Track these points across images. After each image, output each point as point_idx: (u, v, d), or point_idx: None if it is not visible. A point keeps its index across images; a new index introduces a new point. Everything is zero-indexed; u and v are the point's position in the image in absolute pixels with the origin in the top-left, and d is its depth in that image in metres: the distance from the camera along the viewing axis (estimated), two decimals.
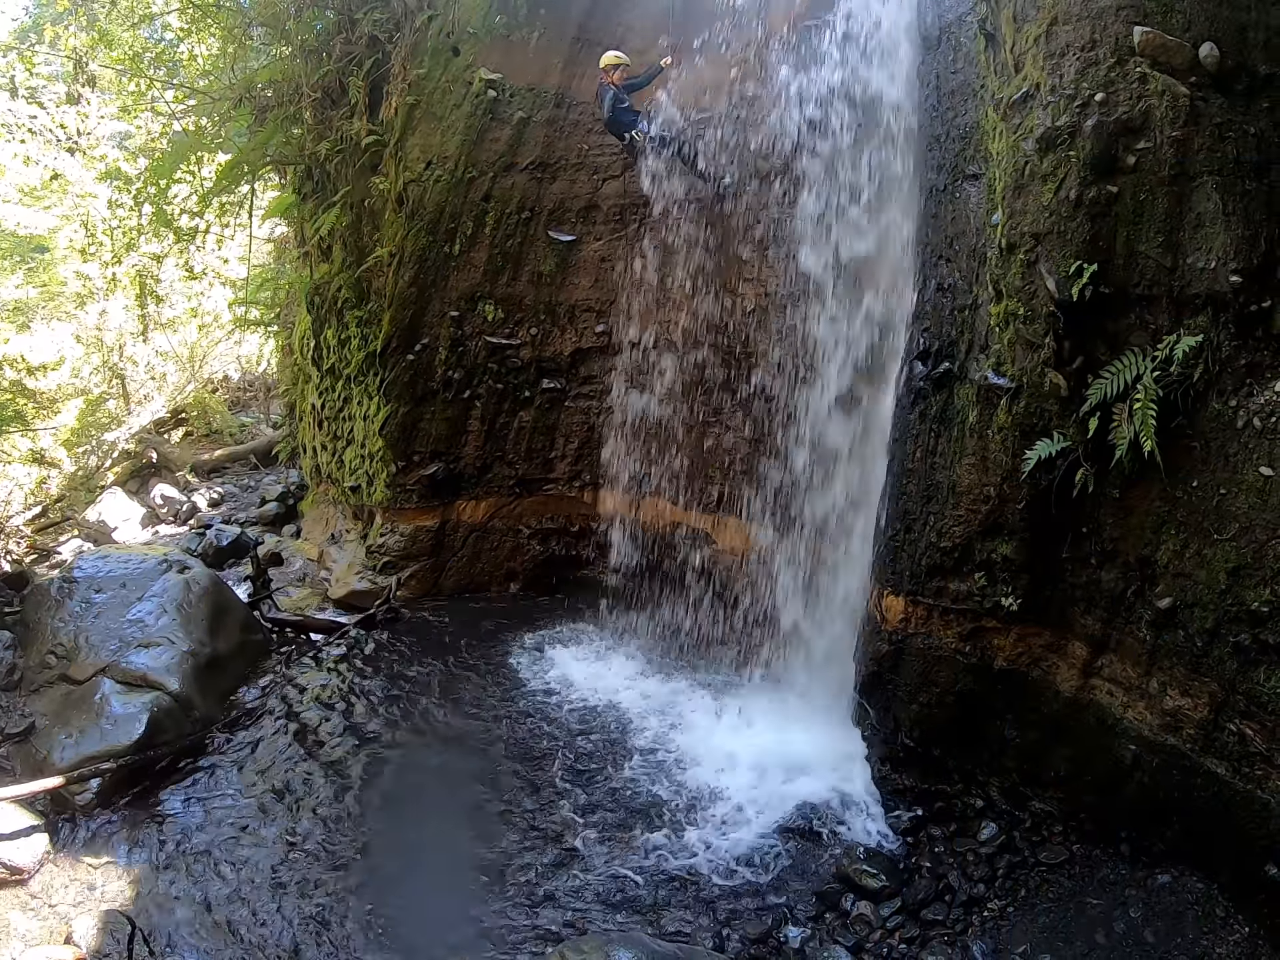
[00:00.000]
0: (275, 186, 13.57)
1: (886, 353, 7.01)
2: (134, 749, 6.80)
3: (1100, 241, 4.58)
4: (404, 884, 5.87)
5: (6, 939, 5.44)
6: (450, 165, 9.51)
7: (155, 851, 6.17)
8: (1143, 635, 4.88)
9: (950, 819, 6.02)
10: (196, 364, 18.40)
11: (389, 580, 10.15)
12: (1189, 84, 4.15)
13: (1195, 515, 4.52)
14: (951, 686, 5.89)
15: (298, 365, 13.17)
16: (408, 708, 8.09)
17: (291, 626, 9.70)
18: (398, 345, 9.95)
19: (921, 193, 6.22)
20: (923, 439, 5.85)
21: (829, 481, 7.53)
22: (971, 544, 5.53)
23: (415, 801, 6.77)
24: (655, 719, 7.83)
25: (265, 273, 15.42)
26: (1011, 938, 5.08)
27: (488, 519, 10.43)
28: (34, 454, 12.37)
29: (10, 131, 13.64)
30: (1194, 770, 4.74)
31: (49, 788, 6.36)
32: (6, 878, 5.82)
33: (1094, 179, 4.53)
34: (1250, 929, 4.56)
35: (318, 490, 12.72)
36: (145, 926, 5.52)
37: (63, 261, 15.29)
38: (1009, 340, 5.10)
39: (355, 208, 10.22)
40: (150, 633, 7.76)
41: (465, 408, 10.16)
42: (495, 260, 9.84)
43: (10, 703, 7.49)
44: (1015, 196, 4.91)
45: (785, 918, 5.51)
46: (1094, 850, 5.41)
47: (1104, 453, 4.74)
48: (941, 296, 5.84)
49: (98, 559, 8.74)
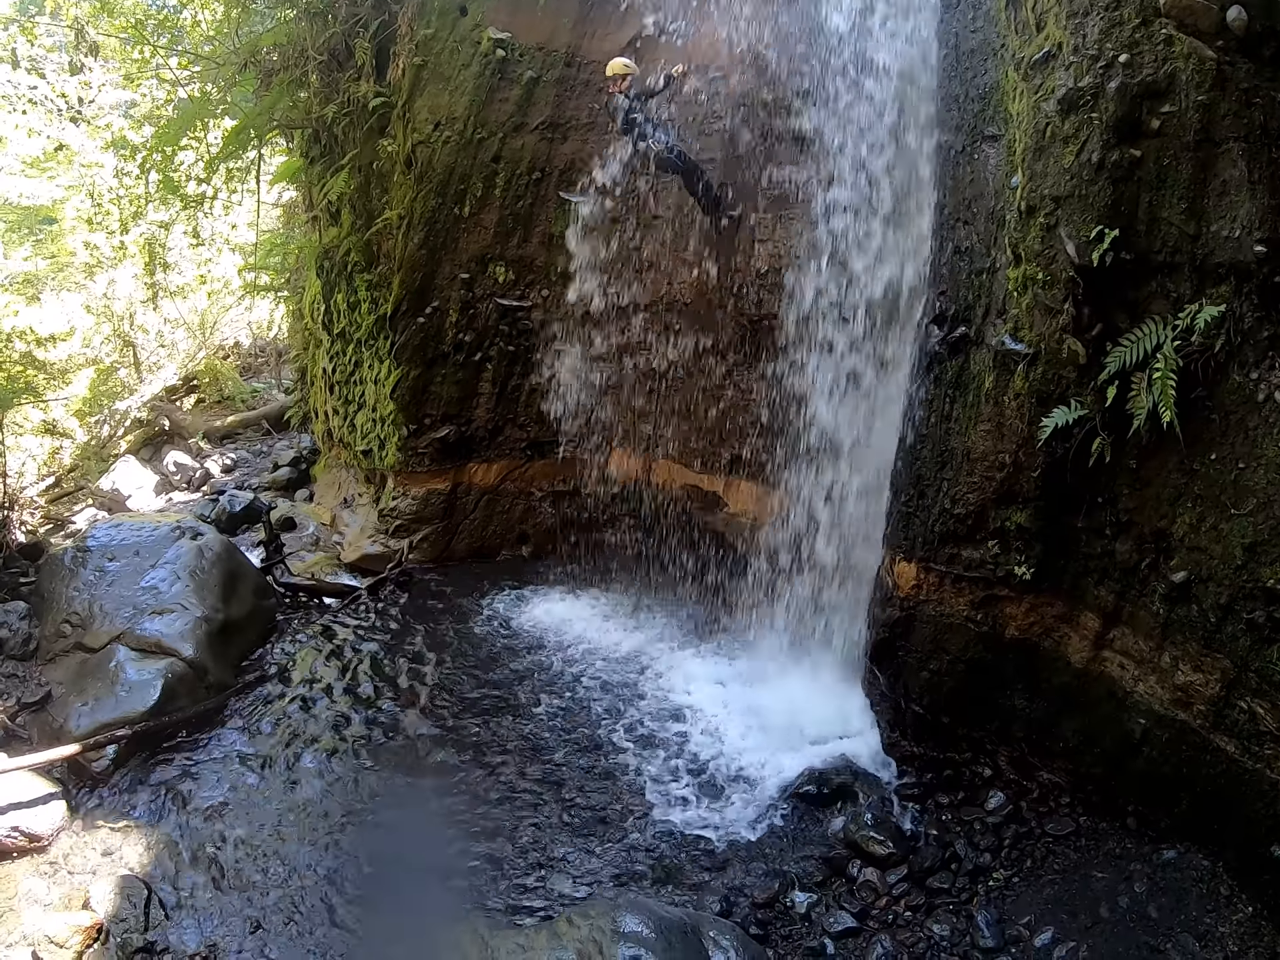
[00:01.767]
0: (282, 151, 13.44)
1: (902, 316, 6.91)
2: (149, 715, 6.88)
3: (1122, 206, 4.47)
4: (410, 843, 5.97)
5: (26, 905, 5.55)
6: (459, 126, 9.38)
7: (171, 816, 6.26)
8: (1156, 608, 4.84)
9: (958, 787, 6.04)
10: (207, 331, 18.40)
11: (401, 544, 10.20)
12: (1216, 47, 4.00)
13: (1213, 489, 4.44)
14: (962, 654, 5.89)
15: (308, 330, 13.14)
16: (419, 670, 8.16)
17: (304, 591, 9.77)
18: (408, 308, 9.90)
19: (939, 154, 6.07)
20: (937, 404, 5.79)
21: (843, 445, 7.46)
22: (985, 511, 5.48)
23: (427, 765, 6.84)
24: (662, 682, 7.88)
25: (274, 238, 15.33)
26: (1016, 908, 5.12)
27: (499, 482, 10.44)
28: (46, 425, 12.43)
29: (11, 103, 13.53)
30: (1203, 747, 4.72)
31: (66, 755, 6.44)
32: (25, 845, 5.92)
33: (1117, 142, 4.41)
34: (1254, 909, 4.56)
35: (330, 455, 12.75)
36: (161, 890, 5.63)
37: (71, 232, 15.23)
38: (1027, 305, 5.01)
39: (363, 171, 10.11)
40: (164, 600, 7.82)
41: (476, 370, 10.13)
42: (506, 222, 9.74)
43: (26, 672, 7.59)
44: (1035, 158, 4.79)
45: (792, 883, 5.56)
46: (1100, 823, 5.42)
47: (1122, 422, 4.67)
48: (959, 260, 5.73)
49: (111, 527, 8.79)
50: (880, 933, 5.16)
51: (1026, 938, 4.91)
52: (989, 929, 4.98)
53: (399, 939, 5.18)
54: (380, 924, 5.33)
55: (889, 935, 5.13)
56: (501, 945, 4.54)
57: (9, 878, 5.74)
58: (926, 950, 5.00)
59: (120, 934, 5.26)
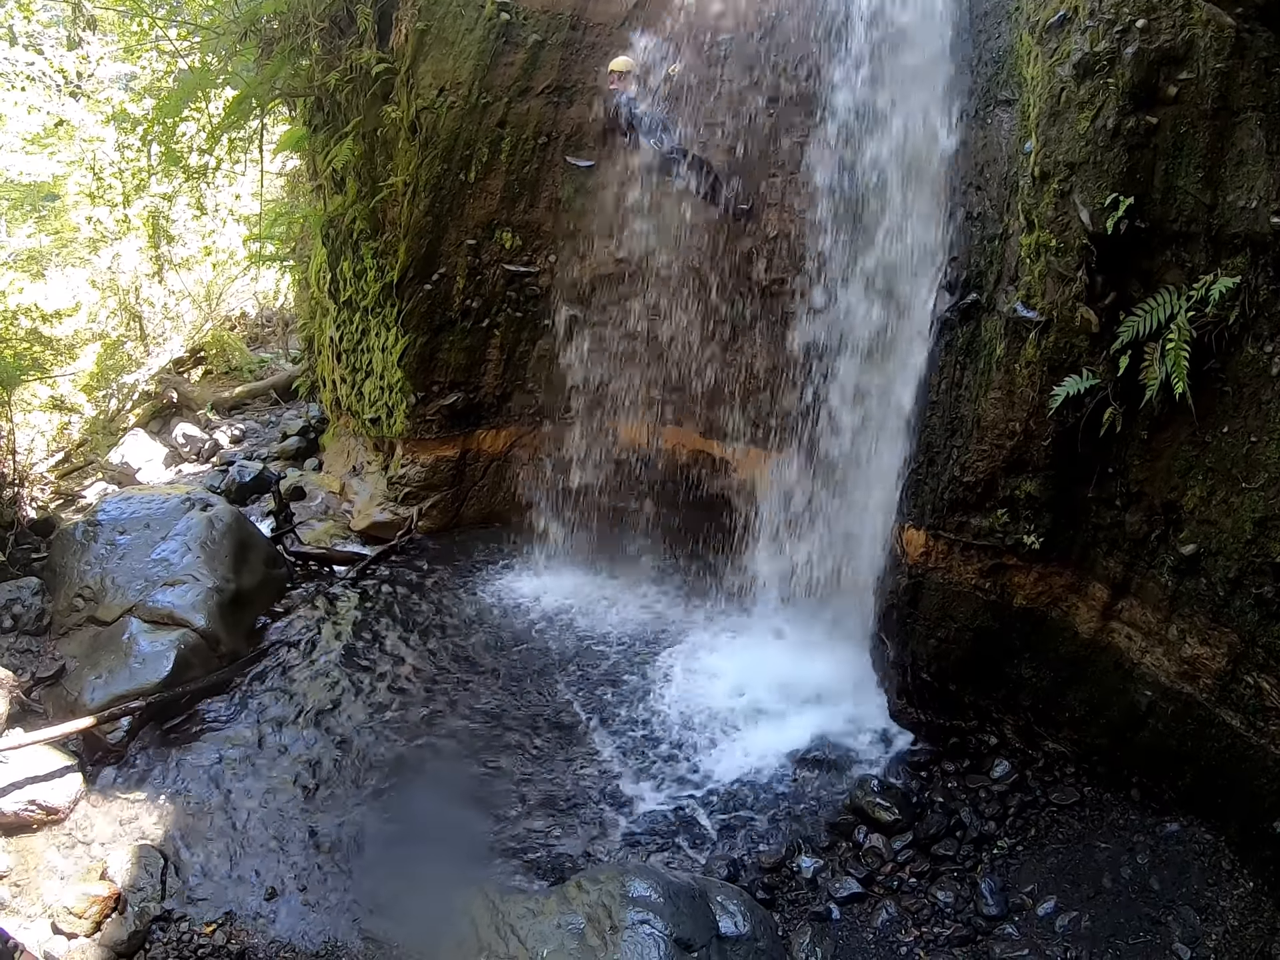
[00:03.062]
0: (285, 120, 13.27)
1: (914, 283, 6.82)
2: (162, 686, 6.94)
3: (1137, 174, 4.39)
4: (422, 809, 6.05)
5: (44, 877, 5.64)
6: (463, 91, 9.24)
7: (185, 786, 6.34)
8: (1164, 581, 4.83)
9: (964, 755, 6.09)
10: (213, 302, 18.28)
11: (410, 511, 10.20)
12: (1235, 15, 3.91)
13: (1224, 462, 4.41)
14: (970, 623, 5.91)
15: (314, 299, 13.07)
16: (431, 637, 8.21)
17: (315, 559, 9.81)
18: (414, 275, 9.83)
19: (952, 118, 5.96)
20: (948, 371, 5.76)
21: (852, 412, 7.41)
22: (995, 480, 5.47)
23: (440, 728, 6.92)
24: (668, 648, 7.94)
25: (279, 207, 15.18)
26: (1020, 877, 5.18)
27: (508, 448, 10.43)
28: (54, 400, 12.41)
29: (9, 80, 13.39)
30: (1208, 721, 4.73)
31: (81, 728, 6.49)
32: (43, 818, 5.99)
33: (1133, 108, 4.33)
34: (1255, 884, 4.59)
35: (338, 423, 12.75)
36: (177, 859, 5.71)
37: (74, 208, 15.09)
38: (1040, 272, 4.95)
39: (367, 138, 9.99)
40: (175, 571, 7.86)
41: (484, 337, 10.07)
42: (512, 187, 9.64)
43: (40, 647, 7.65)
44: (1050, 124, 4.71)
45: (799, 847, 5.63)
46: (1104, 794, 5.46)
47: (1134, 393, 4.63)
48: (971, 225, 5.67)
49: (121, 501, 8.82)
50: (885, 898, 5.23)
51: (1029, 906, 4.97)
52: (992, 897, 5.05)
53: (413, 903, 5.27)
54: (395, 888, 5.41)
55: (894, 901, 5.21)
56: (512, 909, 4.62)
57: (27, 851, 5.83)
58: (931, 916, 5.07)
59: (138, 903, 5.36)
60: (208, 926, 5.24)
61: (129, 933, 5.16)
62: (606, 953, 4.24)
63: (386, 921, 5.21)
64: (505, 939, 4.46)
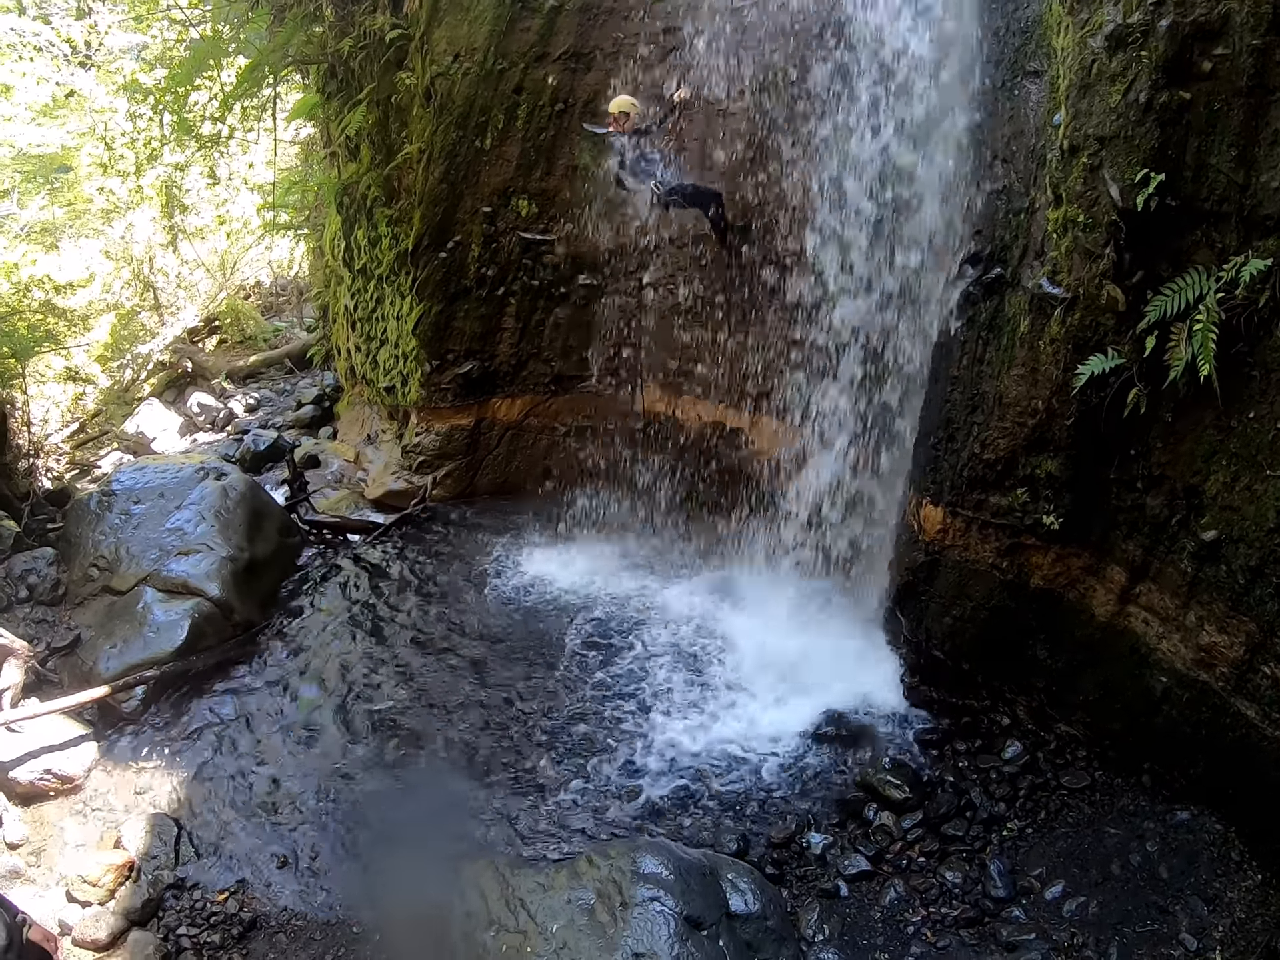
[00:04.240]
0: (298, 88, 13.14)
1: (935, 256, 6.69)
2: (177, 655, 7.02)
3: (1169, 150, 4.26)
4: (435, 778, 6.10)
5: (60, 846, 5.73)
6: (479, 57, 9.11)
7: (199, 754, 6.42)
8: (1184, 566, 4.76)
9: (975, 734, 6.07)
10: (227, 271, 18.26)
11: (424, 480, 10.22)
12: None
13: (1249, 448, 4.32)
14: (986, 602, 5.87)
15: (329, 267, 13.02)
16: (445, 606, 8.23)
17: (329, 528, 9.86)
18: (429, 243, 9.77)
19: (978, 89, 5.81)
20: (970, 346, 5.66)
21: (871, 385, 7.31)
22: (1015, 458, 5.40)
23: (454, 697, 6.95)
24: (680, 618, 7.93)
25: (292, 175, 15.08)
26: (1028, 859, 5.16)
27: (523, 417, 10.40)
28: (69, 371, 12.47)
29: (18, 51, 13.26)
30: (1223, 710, 4.68)
31: (96, 698, 6.57)
32: (58, 787, 6.08)
33: (1166, 83, 4.19)
34: (1263, 876, 4.56)
35: (353, 392, 12.75)
36: (191, 827, 5.79)
37: (87, 179, 15.02)
38: (1066, 248, 4.84)
39: (381, 105, 9.88)
40: (189, 540, 7.91)
41: (499, 305, 10.02)
42: (528, 154, 9.53)
43: (56, 617, 7.74)
44: (1080, 96, 4.57)
45: (808, 824, 5.64)
46: (1116, 779, 5.42)
47: (1159, 374, 4.53)
48: (996, 199, 5.55)
49: (135, 471, 8.87)
50: (894, 877, 5.23)
51: (1037, 889, 4.95)
52: (1001, 879, 5.03)
53: (424, 874, 5.30)
54: (407, 858, 5.47)
55: (902, 880, 5.20)
56: (522, 883, 4.65)
57: (43, 819, 5.92)
58: (939, 897, 5.06)
59: (151, 871, 5.44)
60: (220, 894, 5.32)
61: (143, 900, 5.24)
62: (616, 929, 4.26)
63: (397, 892, 5.27)
64: (515, 913, 4.49)
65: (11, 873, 5.45)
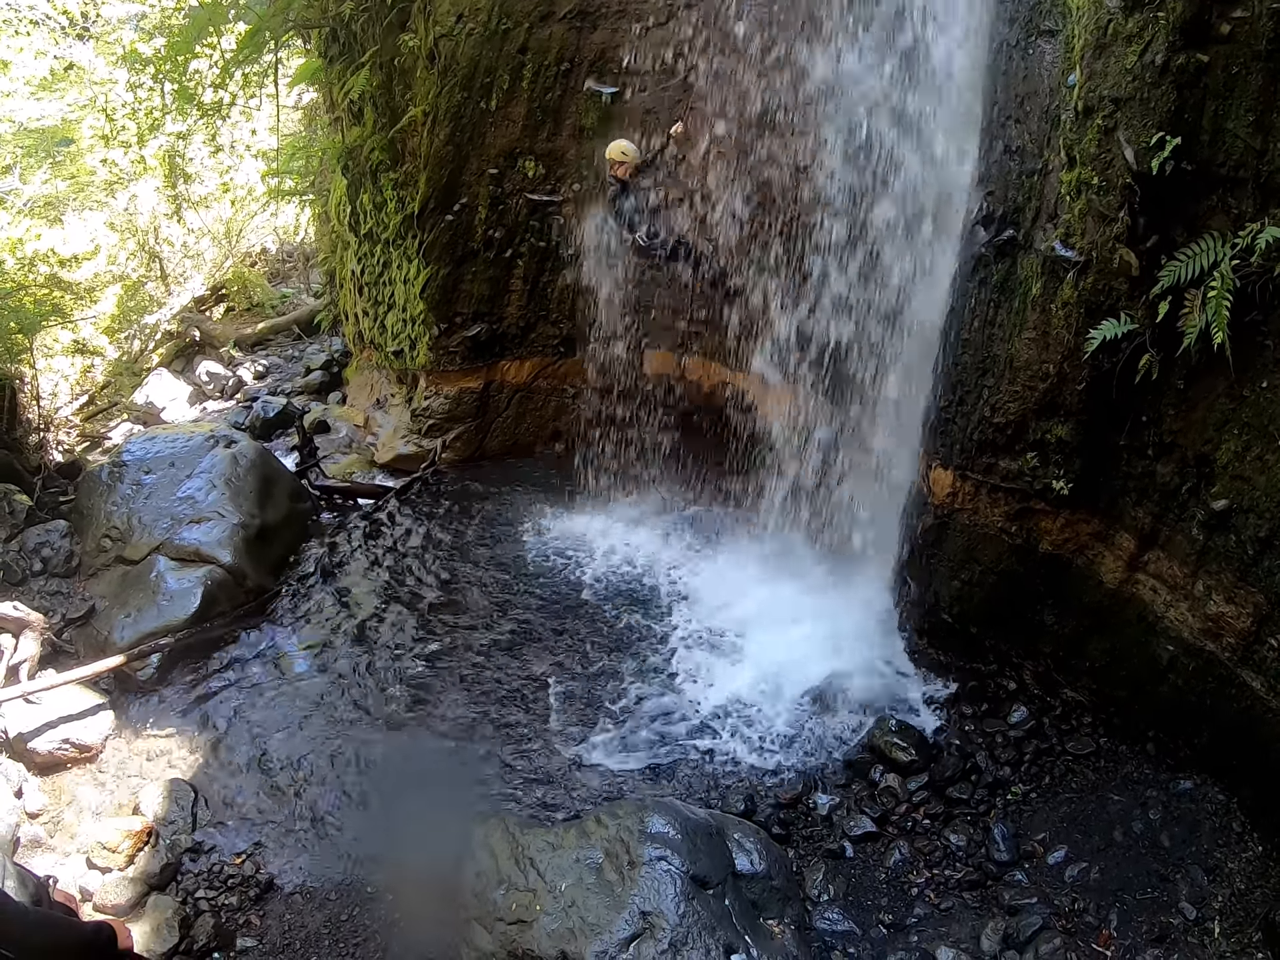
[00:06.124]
0: (300, 53, 12.95)
1: (947, 216, 6.60)
2: (190, 623, 7.07)
3: (1186, 114, 4.16)
4: (448, 739, 6.19)
5: (78, 814, 5.82)
6: (483, 17, 8.95)
7: (215, 720, 6.49)
8: (1193, 535, 4.74)
9: (982, 698, 6.10)
10: (233, 239, 18.13)
11: (434, 443, 10.21)
12: None
13: (1261, 418, 4.27)
14: (994, 566, 5.88)
15: (335, 232, 12.92)
16: (455, 568, 8.27)
17: (339, 493, 9.89)
18: (435, 206, 9.69)
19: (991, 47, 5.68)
20: (981, 309, 5.60)
21: (881, 347, 7.26)
22: (1026, 422, 5.37)
23: (467, 659, 7.02)
24: (689, 585, 7.98)
25: (296, 141, 14.92)
26: (1032, 824, 5.21)
27: (532, 379, 10.40)
28: (76, 344, 12.44)
29: (13, 26, 13.06)
30: (1229, 680, 4.69)
31: (111, 667, 6.62)
32: (76, 756, 6.16)
33: (1183, 45, 4.07)
34: (1264, 848, 4.57)
35: (361, 357, 12.72)
36: (207, 792, 5.87)
37: (89, 151, 14.87)
38: (1080, 211, 4.76)
39: (385, 68, 9.73)
40: (201, 509, 7.94)
41: (507, 267, 9.96)
42: (534, 115, 9.42)
43: (70, 588, 7.77)
44: (1095, 57, 4.46)
45: (815, 784, 5.71)
46: (1120, 746, 5.45)
47: (1171, 340, 4.46)
48: (1008, 159, 5.43)
49: (145, 441, 8.87)
50: (899, 839, 5.31)
51: (1040, 854, 5.01)
52: (1004, 842, 5.09)
53: (437, 834, 5.40)
54: (420, 818, 5.57)
55: (907, 842, 5.28)
56: (531, 843, 4.70)
57: (62, 789, 6.00)
58: (942, 859, 5.14)
59: (169, 836, 5.51)
60: (237, 857, 5.40)
61: (161, 865, 5.32)
62: (624, 888, 4.33)
63: (410, 851, 5.36)
64: (525, 871, 4.56)
65: (33, 842, 5.55)
